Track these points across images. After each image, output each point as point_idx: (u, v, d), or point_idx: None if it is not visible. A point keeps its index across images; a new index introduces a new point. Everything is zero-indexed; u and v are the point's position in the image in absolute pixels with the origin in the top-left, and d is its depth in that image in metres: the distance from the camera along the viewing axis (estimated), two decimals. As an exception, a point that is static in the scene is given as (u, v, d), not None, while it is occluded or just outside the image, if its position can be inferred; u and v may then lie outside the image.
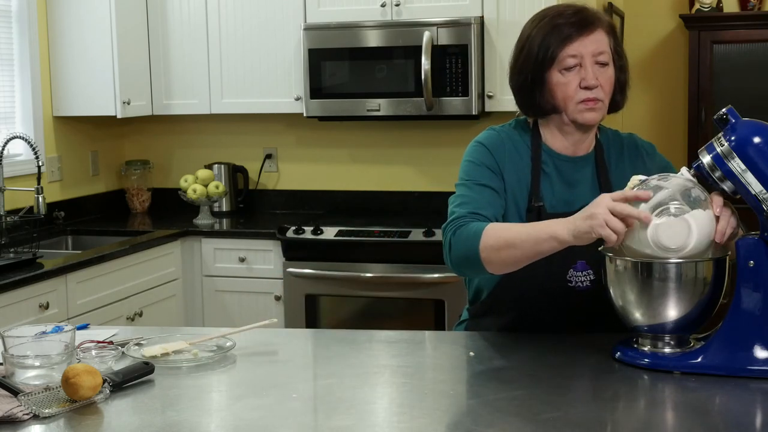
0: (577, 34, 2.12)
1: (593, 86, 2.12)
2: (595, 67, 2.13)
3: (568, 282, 2.15)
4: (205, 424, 1.74)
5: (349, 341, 2.26)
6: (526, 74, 2.16)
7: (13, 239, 3.86)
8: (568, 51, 2.11)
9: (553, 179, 2.20)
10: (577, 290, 2.16)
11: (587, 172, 2.22)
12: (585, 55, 2.12)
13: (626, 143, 2.28)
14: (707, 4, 5.13)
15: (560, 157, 2.21)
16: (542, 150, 2.21)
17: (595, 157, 2.23)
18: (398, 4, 4.32)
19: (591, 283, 2.15)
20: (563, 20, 2.13)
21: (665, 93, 5.42)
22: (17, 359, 1.87)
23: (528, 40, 2.17)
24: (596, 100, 2.13)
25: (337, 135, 4.84)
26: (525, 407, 1.75)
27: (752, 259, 1.85)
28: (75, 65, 4.51)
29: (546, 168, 2.20)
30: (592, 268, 2.14)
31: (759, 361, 1.84)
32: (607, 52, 2.14)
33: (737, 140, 1.83)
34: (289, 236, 4.25)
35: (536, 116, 2.22)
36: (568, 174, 2.21)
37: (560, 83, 2.13)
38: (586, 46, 2.12)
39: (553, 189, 2.19)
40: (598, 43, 2.13)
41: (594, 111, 2.14)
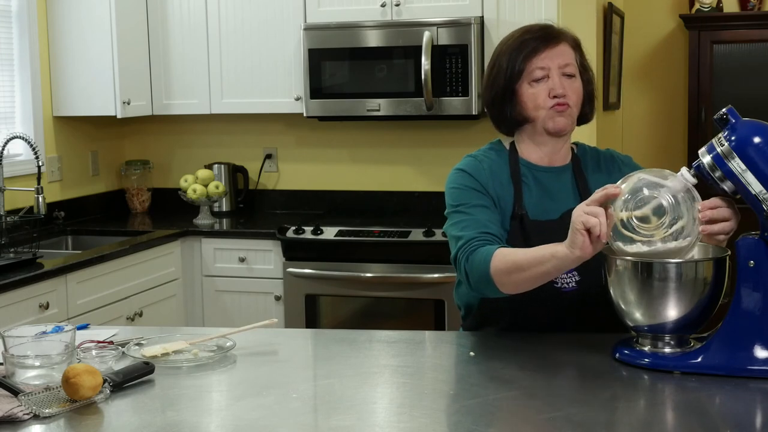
0: (543, 47, 2.22)
1: (561, 95, 2.21)
2: (563, 78, 2.22)
3: (554, 283, 2.18)
4: (205, 424, 1.74)
5: (349, 341, 2.26)
6: (497, 89, 2.27)
7: (13, 239, 3.86)
8: (535, 63, 2.22)
9: (533, 189, 2.26)
10: (563, 291, 2.19)
11: (566, 182, 2.29)
12: (552, 66, 2.22)
13: (602, 155, 2.37)
14: (707, 4, 5.13)
15: (538, 168, 2.29)
16: (520, 164, 2.28)
17: (573, 168, 2.30)
18: (398, 4, 4.32)
19: (576, 284, 2.19)
20: (530, 35, 2.25)
21: (665, 93, 5.42)
22: (17, 359, 1.87)
23: (498, 57, 2.29)
24: (566, 104, 2.22)
25: (337, 135, 4.84)
26: (525, 407, 1.75)
27: (752, 259, 1.85)
28: (75, 65, 4.51)
29: (525, 179, 2.27)
30: (576, 269, 2.15)
31: (759, 361, 1.84)
32: (573, 65, 2.25)
33: (737, 140, 1.83)
34: (289, 236, 4.25)
35: (509, 129, 2.32)
36: (547, 183, 2.28)
37: (530, 94, 2.23)
38: (552, 58, 2.22)
39: (533, 199, 2.25)
40: (563, 55, 2.24)
41: (563, 116, 2.23)
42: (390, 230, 4.17)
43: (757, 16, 5.18)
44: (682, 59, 5.32)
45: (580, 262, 1.92)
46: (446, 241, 2.27)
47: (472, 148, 2.38)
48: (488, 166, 2.28)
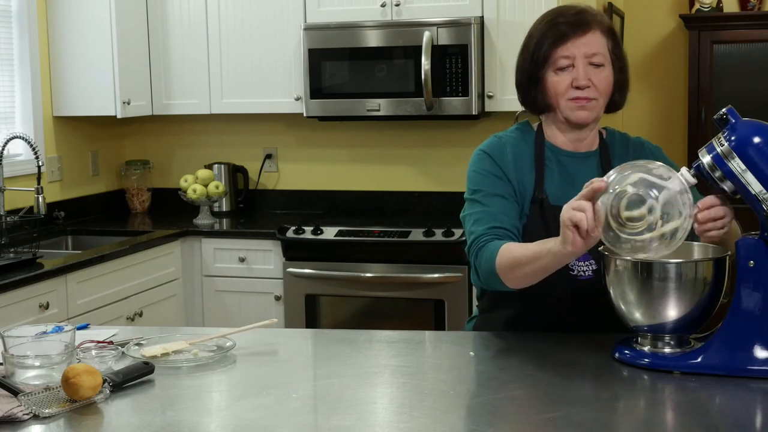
0: (571, 35, 2.18)
1: (584, 86, 2.18)
2: (589, 67, 2.18)
3: (570, 270, 2.17)
4: (205, 424, 1.74)
5: (349, 341, 2.26)
6: (525, 72, 2.25)
7: (13, 239, 3.86)
8: (561, 52, 2.18)
9: (555, 174, 2.25)
10: (579, 279, 2.18)
11: (591, 168, 2.26)
12: (577, 55, 2.18)
13: (632, 143, 2.34)
14: (707, 4, 5.13)
15: (563, 152, 2.27)
16: (545, 146, 2.27)
17: (600, 155, 2.28)
18: (398, 4, 4.32)
19: (593, 273, 2.18)
20: (562, 19, 2.19)
21: (665, 93, 5.42)
22: (17, 359, 1.87)
23: (529, 39, 2.25)
24: (587, 98, 2.19)
25: (337, 135, 4.84)
26: (525, 407, 1.75)
27: (752, 259, 1.85)
28: (75, 65, 4.51)
29: (549, 163, 2.26)
30: (594, 258, 2.16)
31: (759, 361, 1.84)
32: (601, 54, 2.19)
33: (737, 140, 1.83)
34: (289, 236, 4.25)
35: (534, 113, 2.31)
36: (571, 169, 2.26)
37: (553, 82, 2.20)
38: (578, 47, 2.17)
39: (555, 183, 2.24)
40: (591, 44, 2.18)
41: (585, 109, 2.21)
42: (390, 230, 4.17)
43: (757, 16, 5.18)
44: (682, 59, 5.32)
45: (574, 257, 1.92)
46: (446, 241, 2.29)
47: (472, 148, 2.37)
48: (512, 149, 2.27)
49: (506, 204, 2.20)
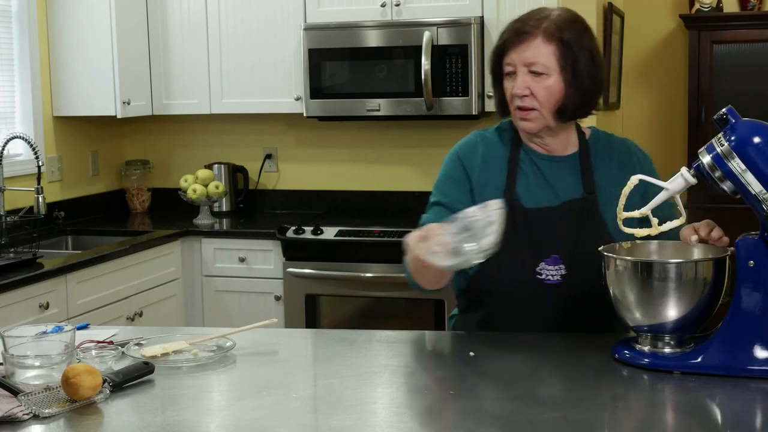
0: (512, 43, 2.18)
1: (519, 95, 2.16)
2: (528, 76, 2.15)
3: (538, 274, 2.17)
4: (205, 424, 1.74)
5: (349, 341, 2.26)
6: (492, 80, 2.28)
7: (13, 239, 3.86)
8: (505, 59, 2.19)
9: (530, 177, 2.24)
10: (547, 283, 2.18)
11: (569, 172, 2.25)
12: (517, 63, 2.17)
13: (617, 147, 2.31)
14: (707, 4, 5.13)
15: (539, 156, 2.26)
16: (522, 149, 2.26)
17: (580, 157, 2.26)
18: (398, 4, 4.32)
19: (561, 278, 2.17)
20: (510, 26, 2.21)
21: (665, 93, 5.42)
22: (17, 359, 1.87)
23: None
24: (527, 109, 2.17)
25: (337, 135, 4.84)
26: (525, 407, 1.75)
27: (752, 259, 1.85)
28: (75, 65, 4.51)
29: (523, 165, 2.25)
30: (564, 263, 2.16)
31: (759, 361, 1.84)
32: (541, 63, 2.14)
33: (737, 140, 1.83)
34: (289, 236, 4.25)
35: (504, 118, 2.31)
36: (547, 172, 2.24)
37: (505, 90, 2.21)
38: (518, 55, 2.16)
39: (530, 186, 2.23)
40: (530, 51, 2.15)
41: (527, 120, 2.19)
42: (390, 230, 4.17)
43: (757, 16, 5.18)
44: (682, 59, 5.32)
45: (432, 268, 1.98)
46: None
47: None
48: (485, 149, 2.28)
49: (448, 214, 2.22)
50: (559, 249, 2.17)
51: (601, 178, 2.23)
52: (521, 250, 2.16)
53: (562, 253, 2.17)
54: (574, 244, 2.17)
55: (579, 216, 2.19)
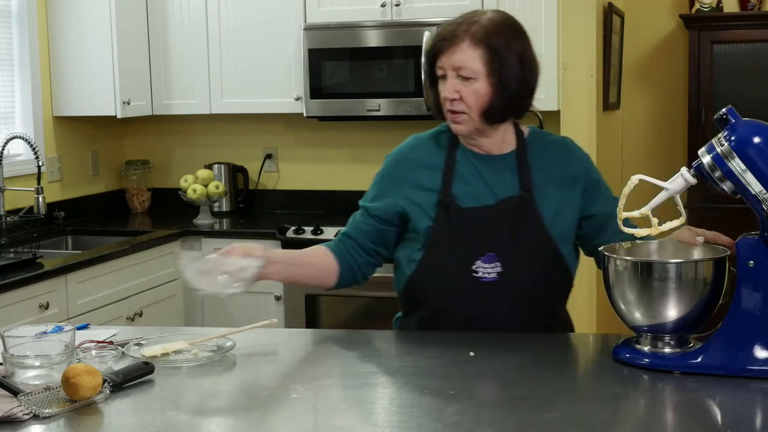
0: (441, 47, 2.20)
1: (449, 98, 2.19)
2: (457, 80, 2.18)
3: (474, 272, 2.19)
4: (205, 424, 1.74)
5: (349, 341, 2.26)
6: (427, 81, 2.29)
7: (13, 239, 3.86)
8: (437, 63, 2.21)
9: (467, 176, 2.26)
10: (483, 281, 2.19)
11: (506, 170, 2.26)
12: (447, 67, 2.19)
13: (555, 145, 2.33)
14: (707, 4, 5.13)
15: (476, 155, 2.28)
16: (459, 149, 2.29)
17: (517, 155, 2.27)
18: (398, 4, 4.32)
19: (498, 276, 2.19)
20: (440, 31, 2.22)
21: (665, 93, 5.41)
22: (17, 359, 1.87)
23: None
24: (456, 112, 2.20)
25: (337, 135, 4.84)
26: (525, 407, 1.75)
27: (752, 259, 1.85)
28: (75, 65, 4.51)
29: (460, 166, 2.26)
30: (500, 260, 2.18)
31: (759, 361, 1.84)
32: (468, 67, 2.16)
33: (737, 140, 1.83)
34: (289, 236, 4.25)
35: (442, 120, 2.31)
36: (483, 171, 2.26)
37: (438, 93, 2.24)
38: (448, 60, 2.18)
39: (467, 186, 2.24)
40: (457, 56, 2.17)
41: (457, 123, 2.23)
42: (390, 230, 4.16)
43: (757, 16, 5.17)
44: (682, 59, 5.31)
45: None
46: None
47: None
48: (419, 153, 2.32)
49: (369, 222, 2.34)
50: (495, 247, 2.19)
51: (538, 175, 2.25)
52: (457, 249, 2.19)
53: (499, 250, 2.19)
54: (510, 241, 2.19)
55: (515, 214, 2.21)
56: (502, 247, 2.18)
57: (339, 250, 2.36)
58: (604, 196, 2.29)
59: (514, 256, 2.18)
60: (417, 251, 2.26)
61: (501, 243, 2.18)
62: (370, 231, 2.34)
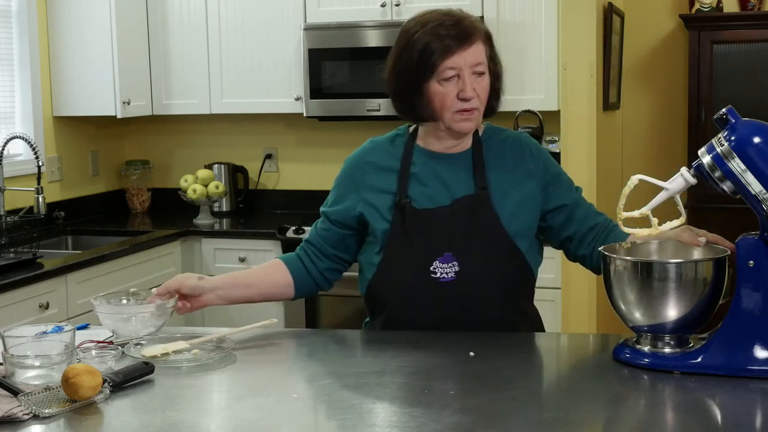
0: (457, 47, 2.16)
1: (470, 97, 2.17)
2: (473, 77, 2.18)
3: (432, 273, 2.19)
4: (205, 424, 1.74)
5: (349, 341, 2.26)
6: (406, 82, 2.24)
7: (13, 239, 3.86)
8: (447, 63, 2.16)
9: (423, 178, 2.25)
10: (441, 281, 2.19)
11: (462, 169, 2.26)
12: (463, 66, 2.16)
13: (510, 142, 2.32)
14: (707, 4, 5.13)
15: (433, 154, 2.27)
16: (414, 150, 2.28)
17: (473, 154, 2.27)
18: (398, 4, 4.32)
19: (455, 275, 2.19)
20: (444, 31, 2.17)
21: (665, 93, 5.41)
22: (17, 359, 1.87)
23: (408, 46, 2.23)
24: (471, 109, 2.19)
25: (337, 135, 4.84)
26: (525, 407, 1.75)
27: (752, 259, 1.85)
28: (75, 65, 4.52)
29: (415, 168, 2.26)
30: (457, 260, 2.18)
31: (759, 361, 1.84)
32: (483, 63, 2.19)
33: (737, 140, 1.83)
34: (289, 236, 4.25)
35: (414, 122, 2.31)
36: (440, 171, 2.26)
37: (438, 93, 2.18)
38: (464, 58, 2.16)
39: (424, 187, 2.25)
40: (476, 54, 2.17)
41: (470, 121, 2.21)
42: (390, 230, 4.16)
43: (757, 16, 5.17)
44: (682, 59, 5.31)
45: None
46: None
47: (471, 148, 2.36)
48: (374, 156, 2.33)
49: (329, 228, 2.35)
50: (451, 246, 2.19)
51: (494, 173, 2.25)
52: (414, 251, 2.20)
53: (455, 250, 2.19)
54: (467, 240, 2.19)
55: (471, 212, 2.21)
56: (459, 247, 2.18)
57: (293, 260, 2.38)
58: (566, 187, 2.30)
59: (471, 255, 2.18)
60: (376, 255, 2.27)
61: (457, 242, 2.18)
62: (330, 236, 2.36)
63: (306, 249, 2.39)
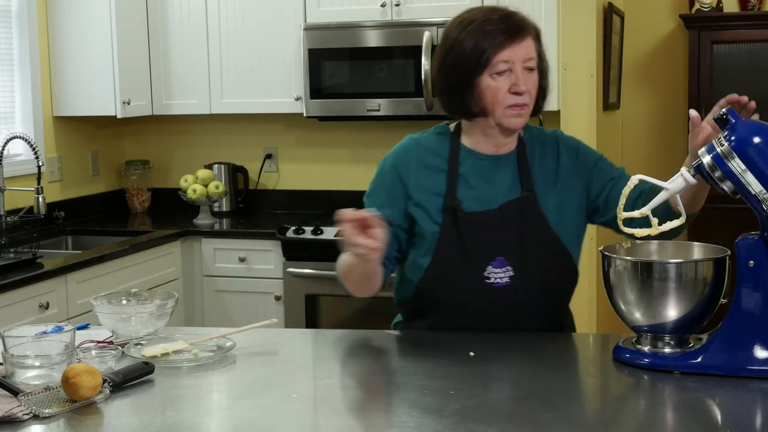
0: (510, 41, 2.15)
1: (522, 92, 2.15)
2: (524, 72, 2.16)
3: (486, 278, 2.17)
4: (205, 424, 1.74)
5: (349, 341, 2.26)
6: (456, 77, 2.19)
7: (13, 239, 3.86)
8: (501, 56, 2.14)
9: (471, 179, 2.23)
10: (495, 287, 2.17)
11: (508, 171, 2.24)
12: (516, 60, 2.15)
13: (549, 140, 2.31)
14: (707, 4, 5.13)
15: (480, 156, 2.25)
16: (461, 151, 2.25)
17: (517, 156, 2.25)
18: (398, 4, 4.32)
19: (510, 280, 2.17)
20: (493, 26, 2.15)
21: (665, 93, 5.41)
22: (17, 359, 1.87)
23: (456, 43, 2.18)
24: (523, 105, 2.17)
25: (337, 135, 4.84)
26: (525, 407, 1.75)
27: (752, 259, 1.85)
28: (75, 65, 4.51)
29: (463, 169, 2.23)
30: (511, 264, 2.17)
31: (759, 361, 1.84)
32: (534, 58, 2.18)
33: (737, 140, 1.83)
34: (289, 236, 4.25)
35: (463, 118, 2.26)
36: (488, 172, 2.24)
37: (491, 87, 2.15)
38: (517, 52, 2.15)
39: (472, 189, 2.22)
40: (527, 49, 2.17)
41: (520, 116, 2.19)
42: (390, 230, 4.16)
43: (757, 16, 5.17)
44: (682, 59, 5.31)
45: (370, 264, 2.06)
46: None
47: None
48: (419, 154, 2.28)
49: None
50: (504, 251, 2.17)
51: (537, 174, 2.24)
52: (467, 255, 2.16)
53: (508, 254, 2.17)
54: (518, 244, 2.17)
55: (520, 215, 2.19)
56: (512, 251, 2.16)
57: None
58: (609, 165, 2.30)
59: (525, 259, 2.16)
60: (422, 257, 2.22)
61: (510, 247, 2.16)
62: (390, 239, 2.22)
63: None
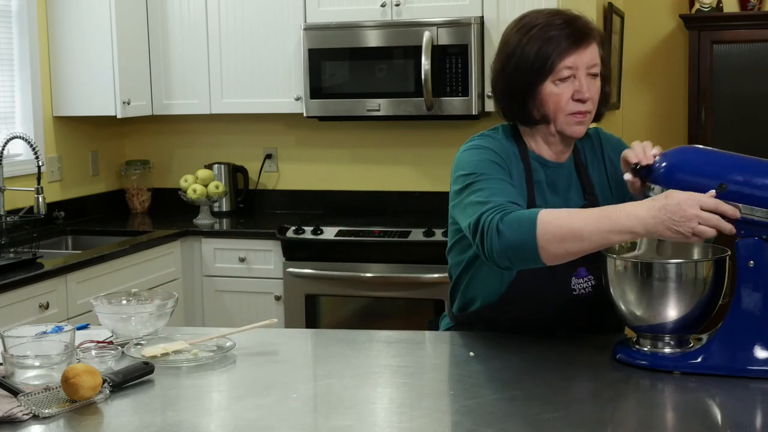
0: (575, 47, 2.10)
1: (586, 99, 2.11)
2: (587, 78, 2.12)
3: (573, 291, 2.15)
4: (205, 424, 1.74)
5: (349, 341, 2.26)
6: (518, 83, 2.13)
7: (13, 239, 3.86)
8: (565, 62, 2.09)
9: (543, 187, 2.19)
10: (581, 297, 2.15)
11: (570, 176, 2.22)
12: (580, 66, 2.10)
13: (595, 141, 2.29)
14: (707, 4, 5.13)
15: (548, 163, 2.21)
16: (530, 158, 2.20)
17: (574, 161, 2.24)
18: (398, 4, 4.32)
19: (593, 289, 2.15)
20: (557, 31, 2.10)
21: (665, 93, 5.41)
22: (17, 359, 1.87)
23: (519, 48, 2.13)
24: (586, 112, 2.13)
25: (337, 135, 4.84)
26: (525, 407, 1.75)
27: (752, 259, 1.85)
28: (75, 65, 4.51)
29: (536, 176, 2.19)
30: (592, 273, 2.14)
31: (759, 361, 1.84)
32: (598, 64, 2.14)
33: (663, 177, 1.83)
34: (289, 236, 4.25)
35: (523, 125, 2.20)
36: (554, 180, 2.20)
37: (553, 94, 2.11)
38: (581, 58, 2.10)
39: (544, 196, 2.18)
40: (592, 54, 2.12)
41: (582, 124, 2.15)
42: (390, 230, 4.17)
43: (757, 16, 5.17)
44: (682, 59, 5.31)
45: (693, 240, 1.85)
46: (446, 241, 2.27)
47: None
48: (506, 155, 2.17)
49: (516, 190, 2.08)
50: (584, 261, 2.09)
51: (592, 175, 2.23)
52: (553, 269, 2.04)
53: (588, 265, 2.13)
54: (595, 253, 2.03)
55: None
56: (590, 261, 2.08)
57: None
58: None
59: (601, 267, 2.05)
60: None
61: (588, 256, 2.01)
62: (519, 197, 2.08)
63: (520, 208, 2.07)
